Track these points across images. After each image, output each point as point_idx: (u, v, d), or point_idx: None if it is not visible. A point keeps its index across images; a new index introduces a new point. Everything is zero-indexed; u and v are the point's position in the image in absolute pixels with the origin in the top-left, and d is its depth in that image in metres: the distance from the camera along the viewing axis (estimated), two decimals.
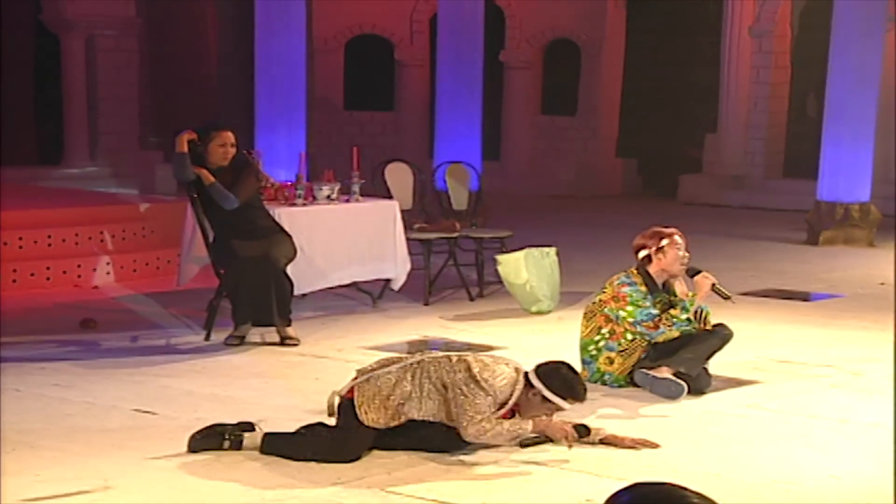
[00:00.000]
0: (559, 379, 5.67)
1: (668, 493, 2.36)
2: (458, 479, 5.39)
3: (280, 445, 5.63)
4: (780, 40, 18.58)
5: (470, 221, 10.78)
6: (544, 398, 5.62)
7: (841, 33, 13.75)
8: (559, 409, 5.67)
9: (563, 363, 5.80)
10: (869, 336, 8.74)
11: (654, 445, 5.94)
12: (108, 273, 10.51)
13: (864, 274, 11.86)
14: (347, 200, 9.18)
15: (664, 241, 7.05)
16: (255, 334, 8.20)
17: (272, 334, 8.17)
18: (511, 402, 5.63)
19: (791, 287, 10.96)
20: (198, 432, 5.70)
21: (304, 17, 13.61)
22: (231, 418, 6.12)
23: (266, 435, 5.69)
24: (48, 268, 10.24)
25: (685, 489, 2.37)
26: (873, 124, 13.88)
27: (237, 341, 8.06)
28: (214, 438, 5.68)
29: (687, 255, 7.12)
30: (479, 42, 15.26)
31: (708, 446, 6.01)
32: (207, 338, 8.21)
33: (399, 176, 10.54)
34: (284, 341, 8.06)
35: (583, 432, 5.81)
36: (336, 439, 5.60)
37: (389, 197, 9.92)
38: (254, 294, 7.95)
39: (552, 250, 9.67)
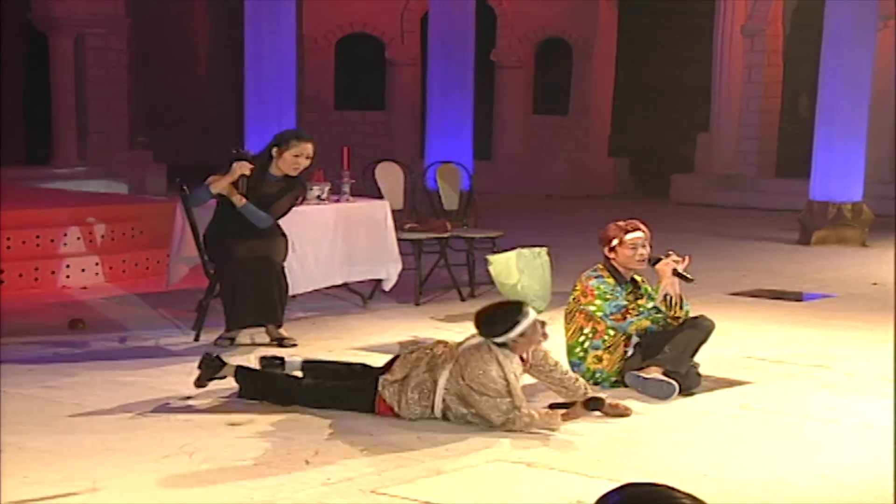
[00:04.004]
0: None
1: (658, 494, 2.35)
2: (448, 480, 5.36)
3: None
4: (772, 39, 18.59)
5: (461, 221, 10.76)
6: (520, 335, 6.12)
7: (833, 32, 13.75)
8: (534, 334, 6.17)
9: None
10: (861, 336, 8.73)
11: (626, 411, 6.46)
12: (97, 273, 10.47)
13: (857, 274, 11.86)
14: (338, 200, 9.14)
15: (614, 242, 7.08)
16: (244, 335, 8.17)
17: (261, 335, 8.14)
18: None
19: (783, 287, 10.95)
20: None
21: (295, 15, 13.59)
22: (222, 419, 6.13)
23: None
24: (36, 268, 10.20)
25: (675, 490, 2.35)
26: (865, 124, 13.88)
27: (228, 342, 8.01)
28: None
29: (644, 251, 7.11)
30: (470, 41, 15.25)
31: (699, 446, 5.99)
32: (197, 338, 8.17)
33: (390, 176, 10.50)
34: (283, 342, 7.99)
35: (598, 404, 6.30)
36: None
37: (380, 197, 9.89)
38: (257, 295, 7.86)
39: (543, 250, 9.64)
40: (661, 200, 18.57)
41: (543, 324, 6.35)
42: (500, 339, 6.11)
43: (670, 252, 7.19)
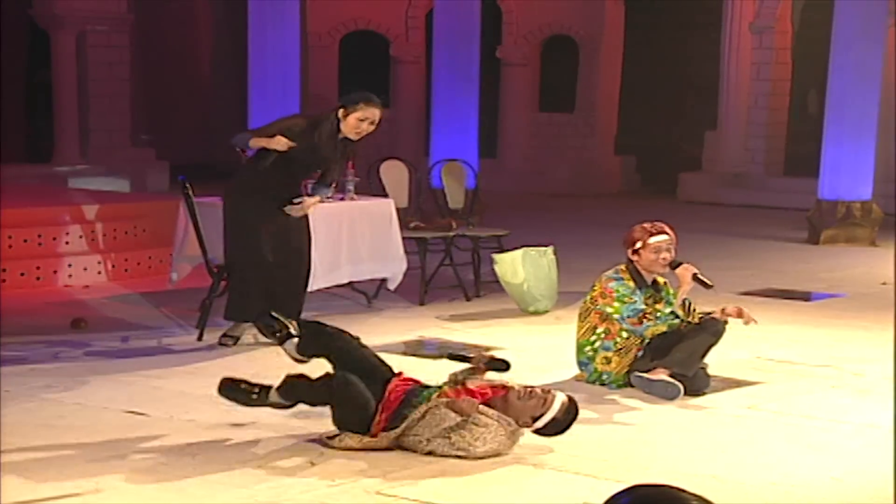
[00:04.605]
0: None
1: (666, 496, 2.33)
2: (454, 481, 5.32)
3: (300, 391, 5.77)
4: (780, 36, 18.53)
5: (466, 220, 10.70)
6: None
7: (842, 30, 13.69)
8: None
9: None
10: (870, 336, 8.67)
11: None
12: (99, 272, 10.42)
13: (866, 273, 11.80)
14: (342, 199, 9.06)
15: (638, 244, 6.99)
16: (248, 335, 8.12)
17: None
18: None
19: (792, 286, 10.89)
20: (228, 380, 5.91)
21: (298, 12, 13.55)
22: (225, 419, 6.06)
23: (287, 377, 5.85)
24: (38, 267, 10.15)
25: (684, 491, 2.34)
26: (875, 121, 13.81)
27: (231, 342, 7.92)
28: (241, 393, 5.86)
29: (667, 255, 7.01)
30: (475, 38, 15.20)
31: (707, 447, 5.95)
32: (200, 338, 8.12)
33: (394, 174, 10.45)
34: None
35: (499, 364, 5.88)
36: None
37: (385, 195, 9.83)
38: (284, 292, 7.72)
39: (549, 249, 9.60)
40: (669, 199, 18.52)
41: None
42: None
43: (744, 314, 7.06)
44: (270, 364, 7.52)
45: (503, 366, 5.88)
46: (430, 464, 5.52)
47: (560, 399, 5.70)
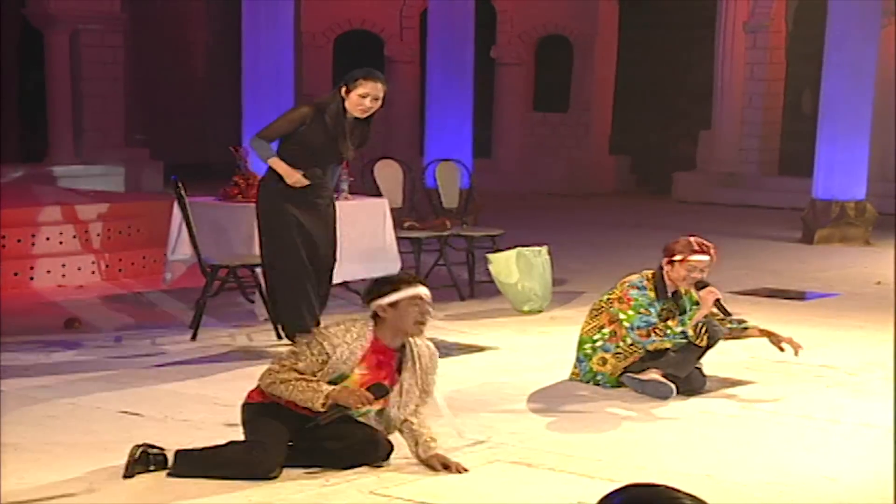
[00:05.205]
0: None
1: (660, 495, 2.32)
2: (447, 481, 5.30)
3: (191, 465, 5.31)
4: (774, 36, 18.53)
5: (461, 220, 10.70)
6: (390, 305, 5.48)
7: (836, 29, 13.69)
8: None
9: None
10: (865, 336, 8.67)
11: None
12: (93, 272, 10.40)
13: (860, 273, 11.80)
14: (336, 198, 9.04)
15: (677, 257, 6.91)
16: (242, 335, 8.10)
17: (259, 335, 8.07)
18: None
19: (786, 286, 10.89)
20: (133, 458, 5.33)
21: (292, 12, 13.50)
22: (219, 419, 6.05)
23: (177, 453, 5.33)
24: (32, 267, 10.13)
25: (677, 491, 2.33)
26: (869, 121, 13.81)
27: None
28: (142, 462, 5.33)
29: (697, 275, 6.93)
30: (469, 38, 15.17)
31: (701, 447, 5.94)
32: (194, 338, 8.10)
33: (389, 174, 10.44)
34: None
35: (380, 391, 5.31)
36: (252, 452, 5.30)
37: (379, 195, 9.82)
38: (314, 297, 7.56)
39: (544, 249, 9.59)
40: (663, 198, 18.52)
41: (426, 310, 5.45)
42: (371, 304, 5.55)
43: (793, 343, 7.05)
44: (264, 364, 7.49)
45: (383, 392, 5.34)
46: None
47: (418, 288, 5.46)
